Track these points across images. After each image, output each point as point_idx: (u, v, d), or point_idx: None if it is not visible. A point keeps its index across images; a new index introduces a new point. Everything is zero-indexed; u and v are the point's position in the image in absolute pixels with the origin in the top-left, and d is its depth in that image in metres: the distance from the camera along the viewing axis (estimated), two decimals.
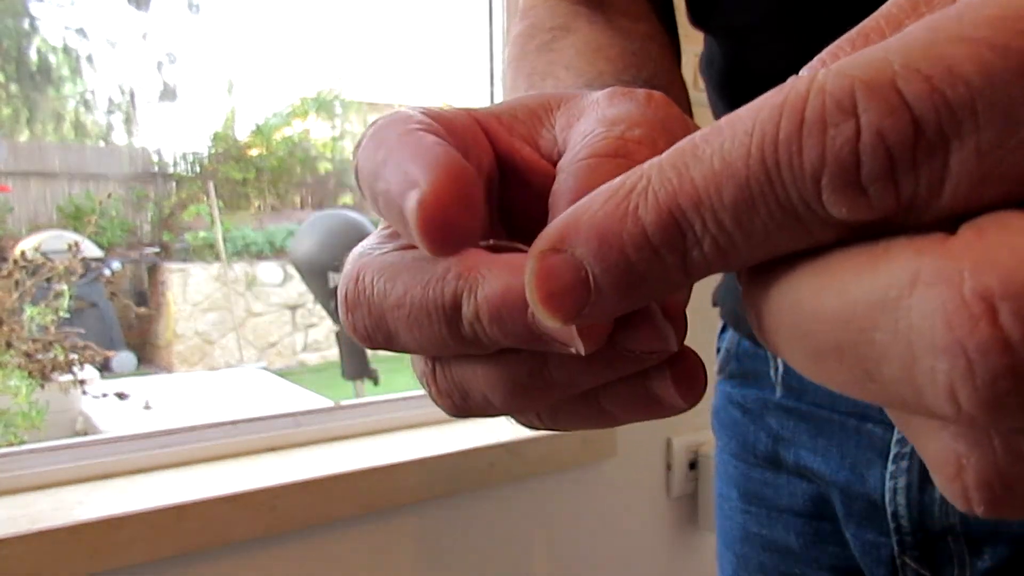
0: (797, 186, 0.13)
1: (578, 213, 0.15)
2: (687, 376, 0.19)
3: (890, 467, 0.46)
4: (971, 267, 0.11)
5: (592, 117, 0.21)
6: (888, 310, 0.12)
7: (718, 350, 0.58)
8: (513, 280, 0.17)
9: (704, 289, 0.63)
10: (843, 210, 0.13)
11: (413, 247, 0.20)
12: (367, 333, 0.20)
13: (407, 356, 0.22)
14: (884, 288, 0.12)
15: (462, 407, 0.21)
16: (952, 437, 0.13)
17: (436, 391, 0.21)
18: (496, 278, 0.18)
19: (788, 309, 0.14)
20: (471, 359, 0.20)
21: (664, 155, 0.15)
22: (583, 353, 0.17)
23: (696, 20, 0.48)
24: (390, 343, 0.20)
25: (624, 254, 0.15)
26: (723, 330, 0.58)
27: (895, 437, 0.45)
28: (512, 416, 0.22)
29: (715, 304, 0.59)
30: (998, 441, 0.12)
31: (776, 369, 0.52)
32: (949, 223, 0.12)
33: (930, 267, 0.11)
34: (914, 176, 0.12)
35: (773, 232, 0.13)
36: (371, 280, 0.20)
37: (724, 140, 0.13)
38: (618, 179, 0.15)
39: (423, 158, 0.17)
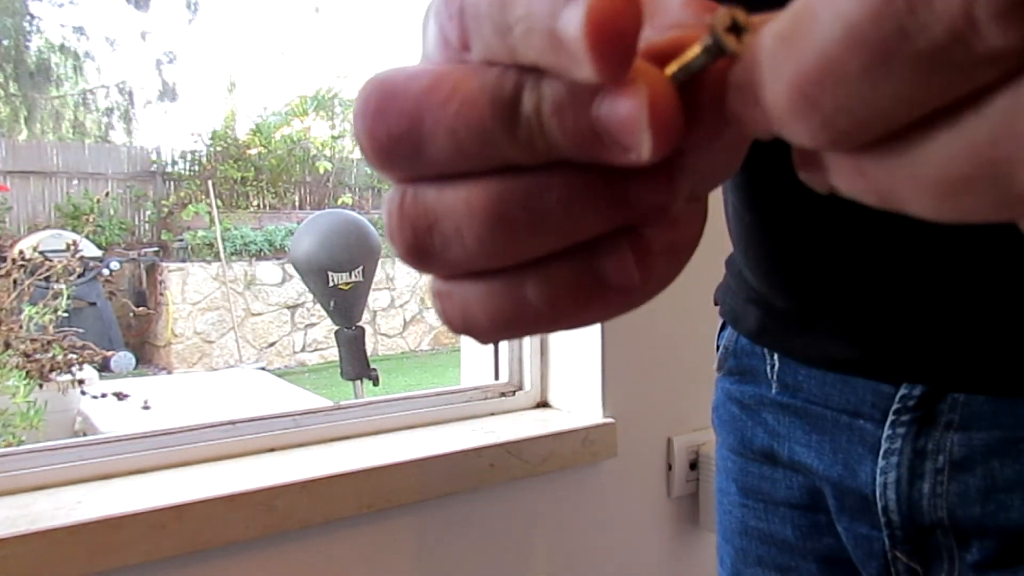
0: (944, 26, 0.12)
1: None
2: (647, 253, 0.19)
3: (880, 463, 0.46)
4: None
5: (658, 26, 0.19)
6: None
7: (717, 347, 0.59)
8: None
9: (705, 288, 0.63)
10: (1010, 34, 0.12)
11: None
12: (389, 140, 0.18)
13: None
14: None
15: (421, 244, 0.19)
16: None
17: (399, 219, 0.19)
18: None
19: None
20: (459, 183, 0.19)
21: (775, 28, 0.14)
22: (644, 158, 0.16)
23: None
24: (415, 151, 0.18)
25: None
26: (722, 328, 0.59)
27: (885, 433, 0.46)
28: (457, 280, 0.20)
29: (715, 303, 0.59)
30: None
31: (772, 366, 0.53)
32: None
33: None
34: None
35: (917, 86, 0.13)
36: (411, 77, 0.18)
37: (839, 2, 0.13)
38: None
39: None
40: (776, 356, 0.52)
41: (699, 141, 0.17)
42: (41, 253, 2.98)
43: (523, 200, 0.18)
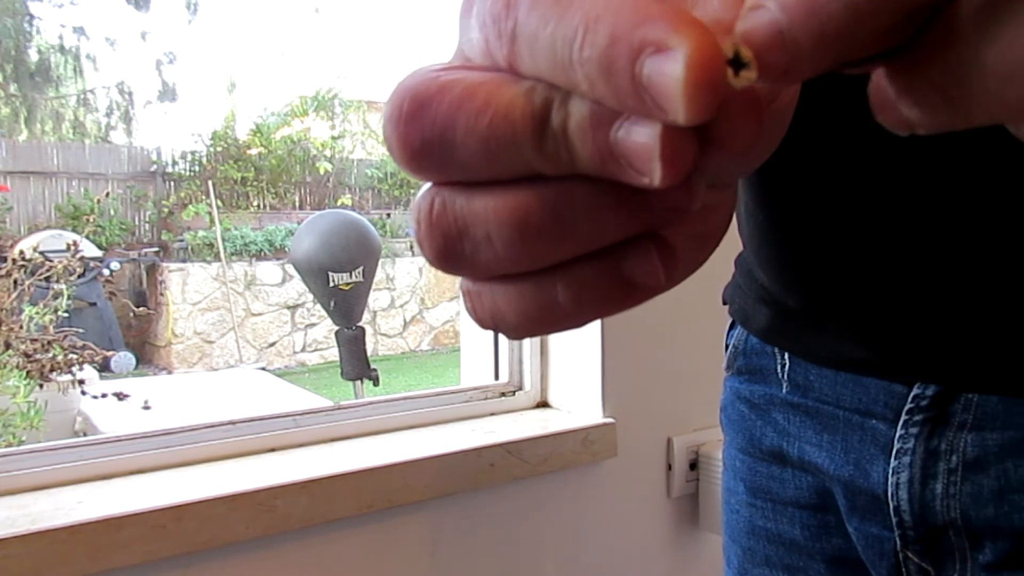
0: None
1: None
2: (671, 255, 0.20)
3: (892, 462, 0.46)
4: None
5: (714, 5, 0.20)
6: None
7: (726, 347, 0.59)
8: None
9: (705, 287, 0.63)
10: None
11: (482, 68, 0.19)
12: (423, 145, 0.19)
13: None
14: None
15: (452, 250, 0.20)
16: None
17: (428, 226, 0.20)
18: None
19: None
20: (488, 191, 0.20)
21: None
22: (656, 183, 0.17)
23: None
24: (446, 157, 0.19)
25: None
26: (731, 327, 0.59)
27: (898, 433, 0.46)
28: (487, 280, 0.21)
29: (724, 302, 0.59)
30: None
31: (783, 366, 0.52)
32: None
33: None
34: None
35: None
36: (443, 86, 0.19)
37: None
38: None
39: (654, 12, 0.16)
40: (786, 355, 0.52)
41: (723, 160, 0.18)
42: (41, 253, 2.98)
43: (550, 209, 0.19)
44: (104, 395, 2.58)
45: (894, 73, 0.17)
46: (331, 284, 3.60)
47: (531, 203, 0.19)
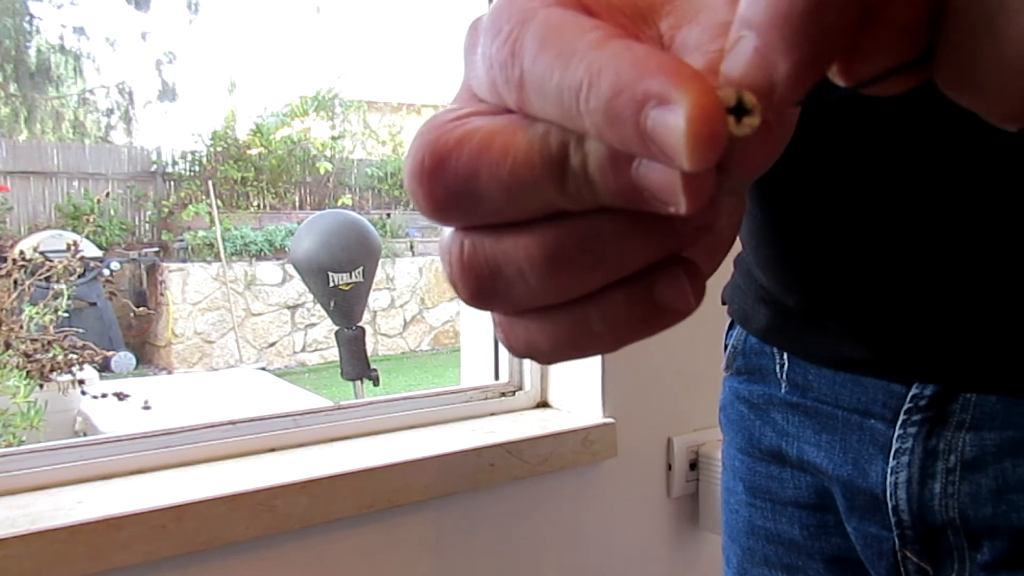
0: None
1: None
2: (698, 276, 0.20)
3: (891, 462, 0.46)
4: None
5: (705, 26, 0.19)
6: None
7: (725, 347, 0.59)
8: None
9: (713, 287, 0.63)
10: None
11: (495, 113, 0.20)
12: (447, 197, 0.20)
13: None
14: None
15: (486, 289, 0.21)
16: None
17: (460, 268, 0.21)
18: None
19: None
20: (515, 232, 0.20)
21: None
22: (683, 211, 0.17)
23: None
24: (471, 205, 0.20)
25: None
26: (730, 327, 0.59)
27: (896, 433, 0.46)
28: (523, 314, 0.22)
29: (723, 302, 0.59)
30: None
31: (781, 366, 0.52)
32: None
33: None
34: None
35: None
36: (460, 139, 0.20)
37: None
38: None
39: (657, 64, 0.16)
40: (785, 355, 0.52)
41: (741, 178, 0.18)
42: (41, 253, 2.98)
43: (578, 243, 0.20)
44: (104, 395, 2.58)
45: (938, 83, 0.18)
46: (331, 284, 3.60)
47: (559, 239, 0.20)
